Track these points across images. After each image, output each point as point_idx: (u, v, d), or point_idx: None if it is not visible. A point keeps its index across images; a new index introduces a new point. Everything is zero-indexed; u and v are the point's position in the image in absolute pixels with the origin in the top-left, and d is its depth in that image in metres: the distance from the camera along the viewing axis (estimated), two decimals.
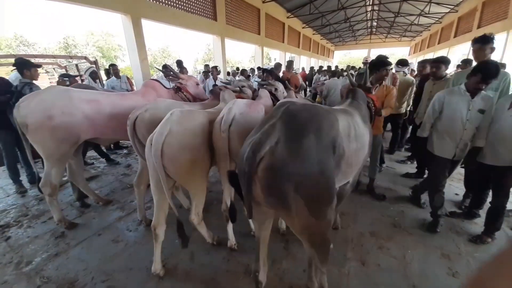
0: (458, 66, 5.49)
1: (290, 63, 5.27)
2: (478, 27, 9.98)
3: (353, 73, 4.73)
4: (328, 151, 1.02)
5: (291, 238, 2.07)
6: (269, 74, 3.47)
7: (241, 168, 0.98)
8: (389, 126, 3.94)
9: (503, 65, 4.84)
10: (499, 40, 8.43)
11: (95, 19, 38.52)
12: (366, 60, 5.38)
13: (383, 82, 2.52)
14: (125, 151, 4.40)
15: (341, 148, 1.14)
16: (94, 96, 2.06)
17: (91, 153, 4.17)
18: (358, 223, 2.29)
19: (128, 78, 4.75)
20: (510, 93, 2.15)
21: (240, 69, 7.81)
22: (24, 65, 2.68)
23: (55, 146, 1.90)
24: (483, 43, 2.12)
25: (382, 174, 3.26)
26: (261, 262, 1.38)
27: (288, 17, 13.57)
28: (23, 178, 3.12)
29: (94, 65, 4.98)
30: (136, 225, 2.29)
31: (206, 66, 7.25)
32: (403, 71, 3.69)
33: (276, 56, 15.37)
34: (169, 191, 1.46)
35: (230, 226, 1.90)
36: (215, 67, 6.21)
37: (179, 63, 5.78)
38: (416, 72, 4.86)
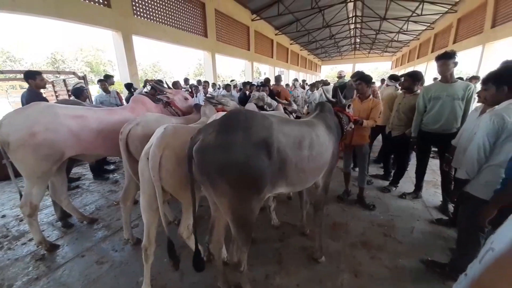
0: (435, 79, 5.81)
1: (278, 78, 5.44)
2: (454, 42, 10.74)
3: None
4: (256, 149, 1.17)
5: (284, 253, 2.04)
6: (259, 87, 3.56)
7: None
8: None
9: (477, 78, 5.21)
10: (474, 53, 9.14)
11: (85, 35, 38.61)
12: (340, 75, 5.53)
13: (370, 96, 2.65)
14: (112, 166, 4.28)
15: (283, 152, 1.28)
16: (80, 112, 2.03)
17: (77, 169, 4.03)
18: (350, 234, 2.29)
19: (117, 93, 4.71)
20: (474, 102, 2.31)
21: (233, 83, 7.96)
22: (28, 75, 2.96)
23: (37, 164, 1.83)
24: (446, 58, 2.31)
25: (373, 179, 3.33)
26: (215, 238, 1.55)
27: (276, 34, 14.17)
28: None
29: (82, 80, 4.91)
30: (122, 244, 2.19)
31: (199, 81, 7.36)
32: (395, 86, 3.83)
33: (266, 70, 15.82)
34: (162, 206, 1.44)
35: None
36: (206, 82, 6.31)
37: (175, 83, 5.70)
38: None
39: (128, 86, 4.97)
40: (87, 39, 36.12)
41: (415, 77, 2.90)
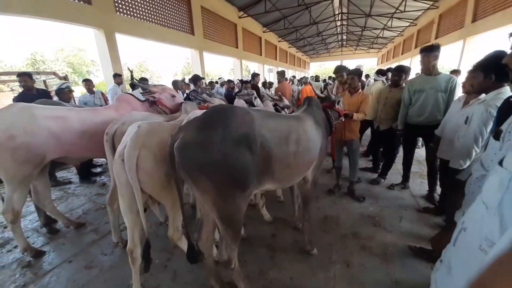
0: (417, 74, 5.95)
1: (282, 73, 5.25)
2: (436, 37, 11.08)
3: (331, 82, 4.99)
4: (237, 145, 1.15)
5: (277, 247, 2.05)
6: (245, 83, 3.53)
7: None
8: None
9: (458, 71, 5.41)
10: (455, 48, 9.46)
11: (66, 34, 37.05)
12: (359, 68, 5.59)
13: (359, 89, 2.70)
14: (99, 169, 4.15)
15: (267, 148, 1.26)
16: (61, 113, 1.94)
17: (63, 173, 3.87)
18: (341, 226, 2.33)
19: (102, 94, 4.57)
20: (457, 94, 2.40)
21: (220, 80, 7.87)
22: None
23: (17, 168, 1.74)
24: (427, 51, 2.39)
25: (360, 175, 3.40)
26: (204, 236, 1.53)
27: (264, 32, 14.12)
28: None
29: (67, 81, 4.70)
30: (112, 247, 2.13)
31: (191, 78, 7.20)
32: (382, 80, 3.92)
33: (255, 68, 15.77)
34: (142, 209, 1.39)
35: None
36: (183, 80, 6.12)
37: (195, 78, 5.16)
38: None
39: (133, 86, 4.80)
40: (68, 39, 34.71)
41: (404, 71, 2.98)
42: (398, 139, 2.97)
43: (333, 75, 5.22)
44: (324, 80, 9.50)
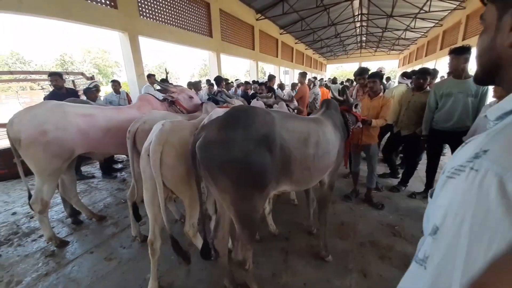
0: (442, 77, 5.62)
1: (304, 74, 5.12)
2: (463, 39, 10.46)
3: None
4: (257, 145, 1.16)
5: (290, 251, 2.02)
6: (260, 85, 3.52)
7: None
8: None
9: None
10: None
11: (92, 37, 39.35)
12: (381, 71, 5.31)
13: (380, 93, 2.59)
14: (120, 165, 4.34)
15: (286, 149, 1.26)
16: (89, 111, 2.06)
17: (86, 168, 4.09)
18: (358, 233, 2.25)
19: (127, 94, 4.81)
20: (488, 99, 2.24)
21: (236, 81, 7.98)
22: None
23: (48, 161, 1.87)
24: (457, 53, 2.25)
25: (379, 182, 3.26)
26: (220, 234, 1.54)
27: (281, 34, 14.10)
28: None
29: (95, 81, 4.95)
30: (130, 241, 2.21)
31: (208, 81, 7.42)
32: (407, 83, 3.71)
33: (270, 70, 15.79)
34: (164, 203, 1.44)
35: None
36: (208, 80, 6.28)
37: (219, 79, 5.50)
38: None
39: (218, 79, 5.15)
40: (95, 41, 36.82)
41: (429, 73, 2.84)
42: (422, 145, 2.82)
43: (351, 78, 5.02)
44: (342, 83, 9.29)
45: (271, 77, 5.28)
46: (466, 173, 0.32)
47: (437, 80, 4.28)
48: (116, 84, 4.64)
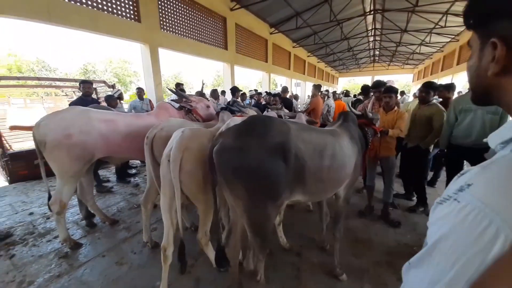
0: (459, 92, 5.46)
1: (318, 86, 5.16)
2: None
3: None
4: (272, 153, 1.17)
5: (303, 267, 1.95)
6: (273, 97, 3.57)
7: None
8: None
9: None
10: None
11: (113, 48, 41.77)
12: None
13: (395, 107, 2.57)
14: (134, 171, 4.44)
15: (301, 159, 1.26)
16: (111, 116, 2.16)
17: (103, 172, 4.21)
18: (374, 251, 2.15)
19: (150, 101, 5.06)
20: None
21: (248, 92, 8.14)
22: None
23: (71, 163, 1.95)
24: None
25: (395, 199, 3.13)
26: (232, 242, 1.55)
27: (294, 47, 14.36)
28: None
29: (119, 89, 5.18)
30: (141, 247, 2.22)
31: (223, 92, 7.65)
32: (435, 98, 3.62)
33: (282, 81, 15.99)
34: (181, 208, 1.46)
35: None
36: (223, 91, 6.44)
37: (234, 89, 5.77)
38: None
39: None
40: (116, 52, 38.97)
41: (432, 88, 2.75)
42: (439, 160, 2.71)
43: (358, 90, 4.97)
44: (355, 96, 9.21)
45: (285, 89, 5.37)
46: (450, 202, 0.36)
47: (455, 95, 4.16)
48: (140, 91, 5.01)
